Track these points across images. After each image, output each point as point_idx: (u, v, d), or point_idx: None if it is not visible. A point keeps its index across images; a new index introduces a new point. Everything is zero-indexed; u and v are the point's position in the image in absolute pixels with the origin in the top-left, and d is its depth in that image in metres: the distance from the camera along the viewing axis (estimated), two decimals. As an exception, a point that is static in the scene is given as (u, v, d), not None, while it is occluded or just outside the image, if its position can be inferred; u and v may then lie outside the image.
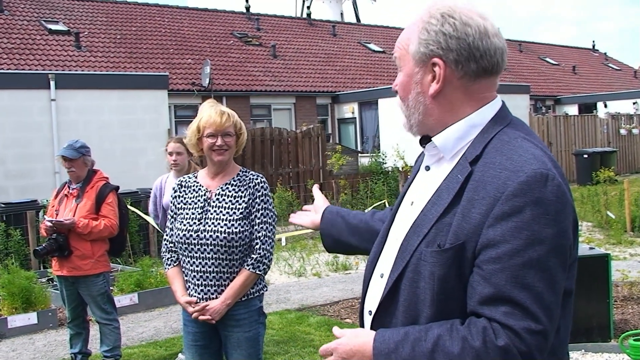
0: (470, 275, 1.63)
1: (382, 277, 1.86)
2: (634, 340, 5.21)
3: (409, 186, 1.96)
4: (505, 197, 1.58)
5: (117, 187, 5.93)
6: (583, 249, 6.59)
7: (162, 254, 3.83)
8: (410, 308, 1.74)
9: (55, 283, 8.98)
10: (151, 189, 6.49)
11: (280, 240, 12.27)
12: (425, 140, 1.85)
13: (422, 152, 1.94)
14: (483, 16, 1.78)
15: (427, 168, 1.86)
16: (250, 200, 3.62)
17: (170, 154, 6.05)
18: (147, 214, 11.34)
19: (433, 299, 1.68)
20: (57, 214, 5.72)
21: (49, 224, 5.53)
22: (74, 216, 5.58)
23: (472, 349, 1.56)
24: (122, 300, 8.21)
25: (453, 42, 1.73)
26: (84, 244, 5.59)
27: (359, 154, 21.08)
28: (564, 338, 1.74)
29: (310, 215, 2.54)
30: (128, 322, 7.83)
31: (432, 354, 1.60)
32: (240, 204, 3.61)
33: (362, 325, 1.96)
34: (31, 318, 7.53)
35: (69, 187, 5.83)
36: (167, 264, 3.77)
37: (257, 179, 3.70)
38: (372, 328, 1.83)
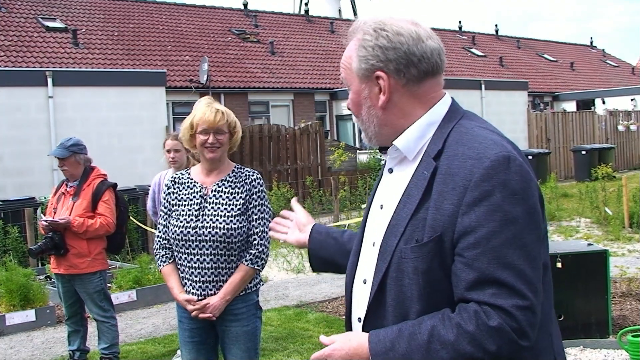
0: (452, 265, 1.69)
1: (365, 282, 1.89)
2: (633, 336, 5.21)
3: (375, 191, 2.01)
4: (474, 184, 1.65)
5: (115, 184, 5.90)
6: (581, 245, 6.60)
7: (155, 251, 3.82)
8: (399, 306, 1.77)
9: (53, 280, 8.98)
10: (149, 186, 6.48)
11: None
12: (384, 148, 1.93)
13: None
14: (414, 22, 1.86)
15: (390, 171, 1.92)
16: (247, 197, 3.64)
17: (169, 151, 6.03)
18: (144, 211, 11.36)
19: (420, 294, 1.72)
20: (54, 212, 5.71)
21: (45, 223, 5.55)
22: (70, 214, 5.56)
23: (467, 333, 1.61)
24: (120, 297, 8.21)
25: (390, 53, 1.80)
26: (80, 242, 5.58)
27: (358, 151, 21.07)
28: (548, 311, 1.81)
29: (294, 233, 2.39)
30: (126, 319, 7.82)
31: (428, 345, 1.64)
32: (237, 200, 3.62)
33: (349, 295, 2.00)
34: (29, 315, 7.53)
35: (66, 185, 5.82)
36: (161, 261, 3.75)
37: (253, 176, 3.71)
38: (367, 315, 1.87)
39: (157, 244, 3.78)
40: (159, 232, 3.78)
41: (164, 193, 3.78)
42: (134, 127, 14.72)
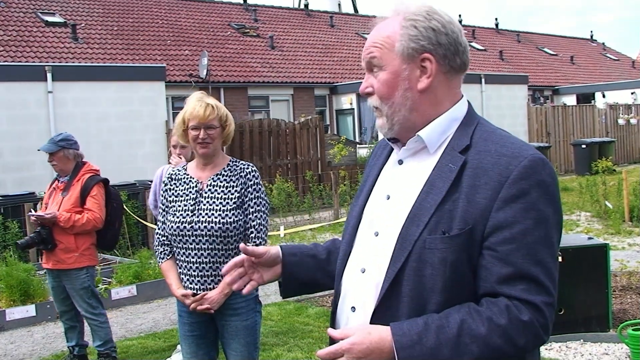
0: (478, 259, 1.70)
1: (364, 272, 1.85)
2: (633, 329, 5.21)
3: (373, 182, 1.97)
4: (512, 181, 1.68)
5: (106, 180, 5.85)
6: (582, 239, 6.60)
7: (154, 247, 3.83)
8: (417, 298, 1.73)
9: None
10: (149, 181, 6.46)
11: (279, 231, 12.26)
12: (393, 140, 1.91)
13: (375, 148, 2.09)
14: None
15: (400, 162, 1.90)
16: (243, 190, 3.63)
17: (174, 147, 5.96)
18: (145, 206, 11.36)
19: (444, 285, 1.70)
20: (46, 207, 5.74)
21: (33, 218, 5.58)
22: (59, 209, 5.56)
23: (499, 327, 1.62)
24: (120, 292, 8.22)
25: (442, 37, 1.81)
26: (68, 237, 5.57)
27: (357, 145, 21.06)
28: None
29: (264, 272, 2.08)
30: (127, 314, 7.83)
31: (458, 339, 1.62)
32: (232, 194, 3.61)
33: (338, 324, 1.93)
34: (29, 310, 7.53)
35: (58, 181, 5.85)
36: (160, 257, 3.77)
37: (247, 169, 3.70)
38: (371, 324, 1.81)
39: (156, 241, 3.80)
40: (158, 228, 3.79)
41: (162, 190, 3.79)
42: (133, 122, 14.71)
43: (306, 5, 32.48)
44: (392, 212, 1.82)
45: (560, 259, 5.91)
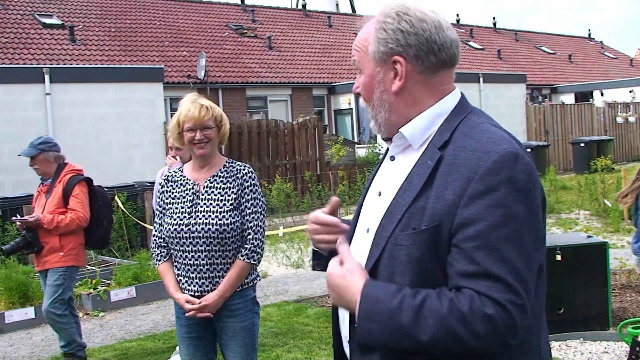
0: (447, 256, 1.67)
1: (362, 273, 1.86)
2: (633, 328, 5.21)
3: (373, 178, 2.00)
4: (479, 177, 1.64)
5: (89, 178, 5.85)
6: (581, 238, 6.59)
7: (151, 249, 3.82)
8: None
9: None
10: (147, 182, 6.44)
11: (278, 231, 12.26)
12: (389, 139, 1.92)
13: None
14: (434, 11, 1.84)
15: (392, 158, 1.91)
16: (240, 191, 3.62)
17: (171, 148, 5.95)
18: (143, 207, 11.35)
19: (412, 282, 1.69)
20: (33, 210, 5.77)
21: (18, 222, 5.63)
22: (43, 212, 5.59)
23: (459, 311, 1.59)
24: (119, 293, 8.21)
25: (411, 38, 1.79)
26: (53, 238, 5.59)
27: (356, 145, 21.05)
28: (539, 313, 1.79)
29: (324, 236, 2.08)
30: (126, 316, 7.82)
31: (419, 309, 1.62)
32: (229, 195, 3.60)
33: (339, 318, 1.97)
34: (28, 313, 7.52)
35: (42, 184, 5.86)
36: (157, 259, 3.75)
37: (244, 170, 3.69)
38: (351, 319, 1.85)
39: (153, 243, 3.78)
40: (155, 230, 3.77)
41: (158, 192, 3.79)
42: (131, 123, 14.70)
43: (304, 6, 32.49)
44: (380, 208, 1.83)
45: (559, 257, 5.92)
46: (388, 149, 2.00)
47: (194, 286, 3.59)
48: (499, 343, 1.60)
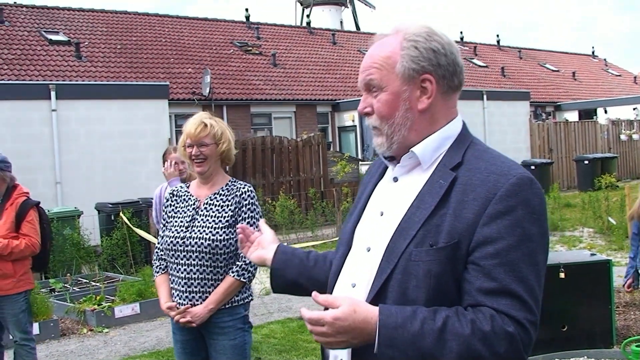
0: (463, 272, 1.72)
1: (354, 286, 1.87)
2: (637, 346, 5.20)
3: (367, 198, 2.01)
4: (499, 197, 1.70)
5: (38, 203, 5.65)
6: (584, 255, 6.60)
7: (153, 261, 3.89)
8: None
9: (56, 293, 8.99)
10: (152, 198, 6.45)
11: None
12: (390, 157, 1.95)
13: (370, 167, 2.13)
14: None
15: (395, 179, 1.93)
16: (237, 209, 3.66)
17: (176, 163, 5.94)
18: (148, 224, 11.37)
19: (428, 298, 1.72)
20: None
21: None
22: None
23: (481, 332, 1.62)
24: (124, 310, 8.22)
25: (442, 58, 1.85)
26: (5, 263, 5.32)
27: (360, 162, 21.07)
28: None
29: (257, 250, 2.26)
30: (130, 332, 7.83)
31: (441, 333, 1.63)
32: (226, 212, 3.65)
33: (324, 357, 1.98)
34: (33, 328, 7.51)
35: None
36: (155, 271, 3.85)
37: (243, 188, 3.73)
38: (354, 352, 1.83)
39: (155, 255, 3.88)
40: (158, 243, 3.85)
41: (164, 206, 3.87)
42: (137, 139, 14.76)
43: (308, 23, 32.66)
44: (385, 227, 1.85)
45: (562, 275, 5.93)
46: (374, 170, 2.06)
47: (185, 300, 3.65)
48: (516, 359, 1.65)
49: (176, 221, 3.71)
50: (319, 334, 1.70)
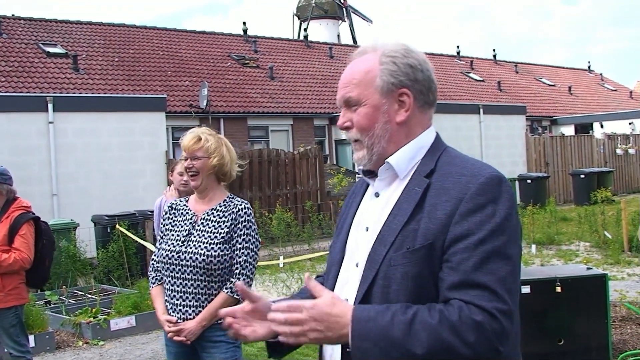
0: (439, 273, 1.77)
1: (347, 301, 1.87)
2: (632, 357, 5.22)
3: (353, 215, 2.05)
4: (469, 197, 1.78)
5: (37, 217, 5.59)
6: (580, 269, 6.60)
7: (148, 272, 3.90)
8: None
9: (52, 306, 8.97)
10: (149, 211, 6.44)
11: (278, 261, 12.24)
12: (367, 173, 2.01)
13: (353, 187, 2.19)
14: None
15: (377, 194, 1.99)
16: (233, 226, 3.66)
17: (181, 174, 5.93)
18: (144, 236, 11.36)
19: (408, 299, 1.76)
20: None
21: None
22: None
23: (449, 321, 1.66)
24: (119, 322, 8.19)
25: (419, 74, 1.94)
26: None
27: (357, 175, 21.09)
28: (515, 342, 1.84)
29: (261, 325, 2.00)
30: (126, 345, 7.80)
31: (410, 324, 1.68)
32: (222, 229, 3.66)
33: (324, 354, 1.99)
34: (28, 341, 7.49)
35: None
36: (151, 282, 3.87)
37: (240, 205, 3.72)
38: (343, 346, 1.85)
39: (150, 266, 3.90)
40: (154, 255, 3.88)
41: (162, 218, 3.89)
42: (134, 152, 14.77)
43: (305, 37, 32.77)
44: (369, 240, 1.90)
45: (559, 289, 5.93)
46: (358, 189, 2.11)
47: (178, 313, 3.67)
48: (489, 349, 1.67)
49: (173, 235, 3.72)
50: (294, 322, 1.72)
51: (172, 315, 3.68)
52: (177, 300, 3.66)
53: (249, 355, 6.77)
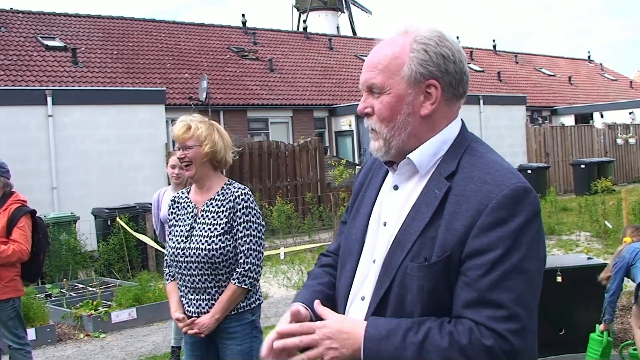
0: (455, 285, 1.71)
1: (363, 299, 1.86)
2: (633, 349, 5.22)
3: (372, 204, 1.95)
4: (490, 209, 1.67)
5: (33, 211, 5.62)
6: (581, 259, 6.61)
7: (163, 267, 3.88)
8: None
9: (53, 299, 8.97)
10: (149, 204, 6.44)
11: (279, 253, 12.25)
12: (389, 162, 1.90)
13: (368, 165, 2.08)
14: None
15: (396, 187, 1.89)
16: (231, 214, 3.57)
17: (173, 166, 5.95)
18: (145, 228, 11.36)
19: (423, 312, 1.72)
20: None
21: None
22: None
23: (458, 344, 1.61)
24: (120, 315, 8.20)
25: (450, 65, 1.81)
26: None
27: (357, 166, 21.08)
28: (534, 342, 1.79)
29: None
30: (127, 337, 7.81)
31: (421, 345, 1.64)
32: (221, 219, 3.58)
33: None
34: (29, 334, 7.50)
35: None
36: (165, 278, 3.84)
37: (237, 192, 3.62)
38: None
39: (165, 262, 3.86)
40: (167, 249, 3.81)
41: (168, 213, 3.84)
42: (133, 144, 14.75)
43: (305, 28, 32.70)
44: (387, 238, 1.83)
45: (559, 279, 5.93)
46: (376, 171, 2.01)
47: (193, 307, 3.63)
48: None
49: (177, 231, 3.67)
50: (309, 343, 1.71)
51: (188, 311, 3.64)
52: (191, 295, 3.62)
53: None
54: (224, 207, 3.60)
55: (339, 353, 1.68)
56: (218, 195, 3.64)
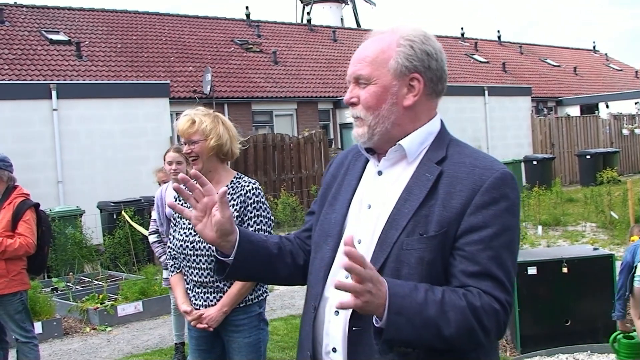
0: (449, 258, 1.84)
1: (347, 278, 1.82)
2: (624, 337, 5.26)
3: (353, 191, 2.05)
4: (485, 189, 1.85)
5: (37, 204, 5.65)
6: (587, 250, 6.59)
7: (167, 260, 3.86)
8: None
9: (59, 292, 9.00)
10: (154, 197, 6.46)
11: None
12: (369, 151, 2.05)
13: (340, 158, 2.24)
14: None
15: (380, 173, 2.02)
16: (242, 208, 3.56)
17: (170, 163, 5.95)
18: (149, 221, 11.37)
19: (421, 283, 1.81)
20: None
21: None
22: None
23: (473, 304, 1.75)
24: (126, 308, 8.22)
25: (433, 62, 1.98)
26: None
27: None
28: None
29: (209, 228, 2.05)
30: (133, 330, 7.83)
31: (441, 303, 1.74)
32: (232, 212, 3.55)
33: (319, 327, 1.99)
34: (36, 327, 7.52)
35: None
36: (170, 270, 3.83)
37: (248, 186, 3.60)
38: (350, 324, 1.88)
39: (168, 254, 3.84)
40: (170, 242, 3.80)
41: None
42: (138, 138, 14.76)
43: (309, 20, 32.64)
44: (374, 219, 1.95)
45: (565, 269, 5.93)
46: (353, 161, 2.12)
47: (200, 300, 3.62)
48: (496, 336, 1.83)
49: (184, 223, 3.62)
50: (364, 276, 1.64)
51: (196, 304, 3.63)
52: (199, 288, 3.61)
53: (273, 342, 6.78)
54: (234, 201, 3.57)
55: (371, 300, 1.66)
56: (228, 188, 3.59)
